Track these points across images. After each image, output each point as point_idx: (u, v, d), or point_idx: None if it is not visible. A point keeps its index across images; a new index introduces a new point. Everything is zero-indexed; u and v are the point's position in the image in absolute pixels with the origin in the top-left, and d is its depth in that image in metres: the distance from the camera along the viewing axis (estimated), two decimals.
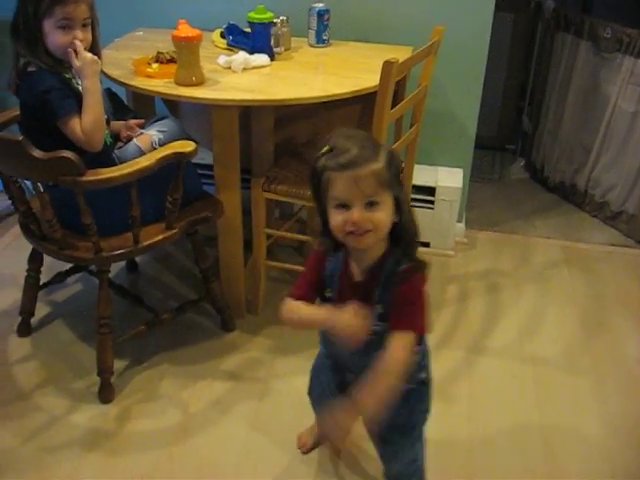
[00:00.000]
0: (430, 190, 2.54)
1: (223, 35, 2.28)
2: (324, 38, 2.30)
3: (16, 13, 1.72)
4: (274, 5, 2.14)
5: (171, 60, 2.03)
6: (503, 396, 1.97)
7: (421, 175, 2.51)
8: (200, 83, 1.92)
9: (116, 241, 1.81)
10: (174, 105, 2.30)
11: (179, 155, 1.76)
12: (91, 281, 2.24)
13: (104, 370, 1.89)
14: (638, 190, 2.77)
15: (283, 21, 2.19)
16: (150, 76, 1.97)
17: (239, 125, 1.93)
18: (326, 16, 2.26)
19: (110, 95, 2.07)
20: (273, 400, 1.93)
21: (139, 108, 2.23)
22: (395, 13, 2.38)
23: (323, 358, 1.53)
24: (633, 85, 2.67)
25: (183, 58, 1.91)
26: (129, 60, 2.07)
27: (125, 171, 1.69)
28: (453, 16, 2.32)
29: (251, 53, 2.09)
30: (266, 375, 2.02)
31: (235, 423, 1.85)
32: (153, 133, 1.98)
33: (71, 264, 2.14)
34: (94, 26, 1.80)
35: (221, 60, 2.07)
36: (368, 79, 1.92)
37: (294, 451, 1.76)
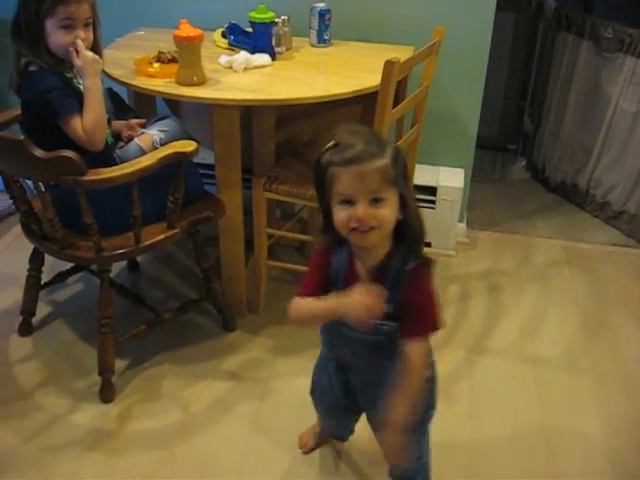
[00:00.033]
0: (431, 190, 2.54)
1: (224, 35, 2.28)
2: (325, 38, 2.29)
3: (17, 13, 1.72)
4: (275, 5, 2.14)
5: (172, 60, 2.03)
6: (504, 396, 1.97)
7: (422, 175, 2.52)
8: (201, 83, 1.92)
9: (117, 241, 1.81)
10: (175, 105, 2.30)
11: (180, 155, 1.75)
12: (92, 281, 2.24)
13: (105, 370, 1.89)
14: (639, 190, 2.77)
15: (284, 21, 2.19)
16: (151, 76, 1.98)
17: (240, 125, 1.93)
18: (327, 16, 2.26)
19: (111, 95, 2.07)
20: (274, 400, 1.93)
21: (140, 108, 2.23)
22: (396, 13, 2.37)
23: (325, 359, 1.52)
24: (634, 85, 2.66)
25: (184, 58, 1.91)
26: (130, 60, 2.07)
27: (126, 171, 1.68)
28: (454, 16, 2.32)
29: (252, 53, 2.09)
30: (267, 375, 2.02)
31: (236, 423, 1.85)
32: (154, 133, 1.97)
33: (72, 264, 2.14)
34: (95, 26, 1.80)
35: (222, 60, 2.07)
36: (369, 79, 1.92)
37: (295, 451, 1.76)
